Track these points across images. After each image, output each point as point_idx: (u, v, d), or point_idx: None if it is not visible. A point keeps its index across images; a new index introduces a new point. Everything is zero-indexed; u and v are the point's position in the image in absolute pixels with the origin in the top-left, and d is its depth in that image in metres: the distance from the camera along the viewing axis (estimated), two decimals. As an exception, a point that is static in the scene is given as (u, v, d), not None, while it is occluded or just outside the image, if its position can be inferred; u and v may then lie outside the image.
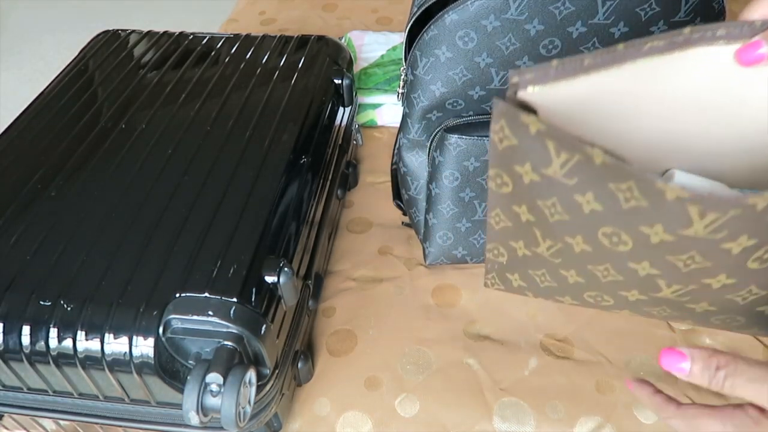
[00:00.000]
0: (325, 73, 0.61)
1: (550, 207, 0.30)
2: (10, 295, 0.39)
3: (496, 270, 0.40)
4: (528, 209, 0.32)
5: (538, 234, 0.33)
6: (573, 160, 0.27)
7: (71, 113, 0.54)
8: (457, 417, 0.49)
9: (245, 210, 0.44)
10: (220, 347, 0.37)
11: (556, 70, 0.28)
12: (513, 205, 0.33)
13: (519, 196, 0.32)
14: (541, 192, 0.30)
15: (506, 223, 0.35)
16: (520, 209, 0.33)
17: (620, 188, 0.26)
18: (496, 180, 0.32)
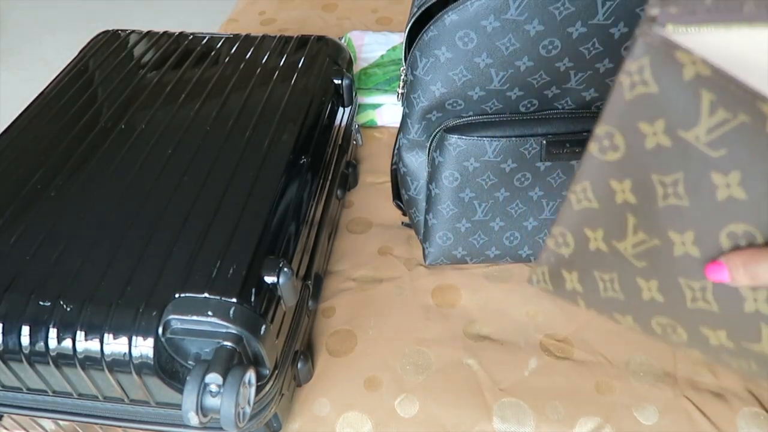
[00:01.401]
0: (325, 73, 0.61)
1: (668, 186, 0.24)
2: (10, 295, 0.39)
3: (551, 263, 0.32)
4: (632, 186, 0.26)
5: (630, 223, 0.27)
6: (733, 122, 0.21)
7: (71, 113, 0.54)
8: (457, 417, 0.49)
9: (245, 210, 0.44)
10: (220, 347, 0.37)
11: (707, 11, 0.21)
12: (612, 179, 0.26)
13: (628, 167, 0.25)
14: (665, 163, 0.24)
15: (591, 203, 0.28)
16: (621, 185, 0.26)
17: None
18: (602, 141, 0.25)
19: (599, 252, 0.29)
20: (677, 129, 0.23)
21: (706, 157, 0.22)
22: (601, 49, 0.45)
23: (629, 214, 0.27)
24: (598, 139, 0.26)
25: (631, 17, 0.43)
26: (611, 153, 0.25)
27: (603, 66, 0.47)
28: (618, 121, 0.24)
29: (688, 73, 0.21)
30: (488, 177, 0.52)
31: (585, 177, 0.27)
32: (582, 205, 0.28)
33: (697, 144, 0.22)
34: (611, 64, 0.46)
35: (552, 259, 0.32)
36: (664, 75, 0.22)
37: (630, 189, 0.26)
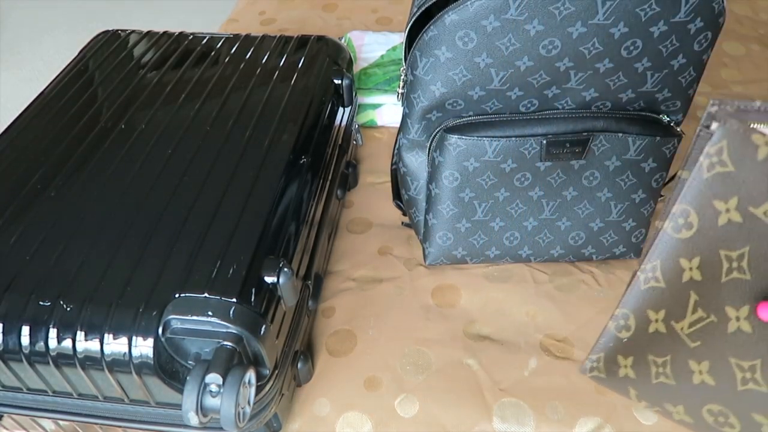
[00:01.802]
0: (325, 73, 0.61)
1: (733, 261, 0.26)
2: (10, 295, 0.39)
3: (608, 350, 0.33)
4: (700, 263, 0.27)
5: (692, 300, 0.28)
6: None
7: (71, 113, 0.54)
8: (457, 417, 0.49)
9: (245, 210, 0.44)
10: (220, 347, 0.37)
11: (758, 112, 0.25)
12: (682, 257, 0.28)
13: (699, 244, 0.27)
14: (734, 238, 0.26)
15: (659, 283, 0.29)
16: (690, 263, 0.27)
17: None
18: (678, 219, 0.27)
19: (657, 334, 0.30)
20: (749, 205, 0.25)
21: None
22: (601, 49, 0.45)
23: (692, 292, 0.28)
24: (673, 218, 0.27)
25: (631, 17, 0.43)
26: (685, 231, 0.27)
27: (603, 66, 0.47)
28: (695, 199, 0.26)
29: (762, 153, 0.23)
30: (488, 177, 0.52)
31: (657, 256, 0.29)
32: (650, 285, 0.29)
33: (765, 218, 0.24)
34: (611, 64, 0.46)
35: (611, 344, 0.33)
36: (742, 156, 0.24)
37: (698, 266, 0.27)
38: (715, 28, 0.45)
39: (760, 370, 0.26)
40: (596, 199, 0.55)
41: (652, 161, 0.53)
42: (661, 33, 0.44)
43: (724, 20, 0.45)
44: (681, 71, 0.48)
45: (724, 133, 0.25)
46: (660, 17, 0.43)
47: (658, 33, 0.44)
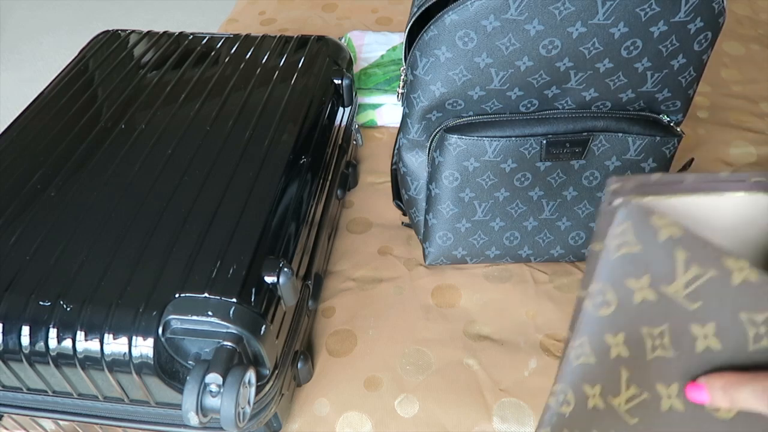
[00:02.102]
0: (325, 73, 0.61)
1: (655, 338, 0.26)
2: (10, 295, 0.39)
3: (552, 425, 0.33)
4: (625, 340, 0.27)
5: (623, 377, 0.28)
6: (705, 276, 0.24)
7: (71, 113, 0.54)
8: (457, 417, 0.49)
9: (245, 210, 0.44)
10: (220, 347, 0.37)
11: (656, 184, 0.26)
12: (607, 333, 0.28)
13: (620, 321, 0.27)
14: (652, 316, 0.26)
15: (589, 358, 0.29)
16: (615, 339, 0.28)
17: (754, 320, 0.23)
18: (596, 298, 0.27)
19: (597, 410, 0.30)
20: (660, 284, 0.25)
21: (685, 309, 0.25)
22: (601, 48, 0.45)
23: (623, 368, 0.28)
24: (591, 297, 0.28)
25: (631, 17, 0.43)
26: (605, 308, 0.28)
27: (603, 66, 0.47)
28: (608, 278, 0.27)
29: (663, 234, 0.24)
30: (488, 177, 0.52)
31: (582, 333, 0.29)
32: (580, 360, 0.30)
33: (677, 297, 0.25)
34: (611, 64, 0.46)
35: (554, 419, 0.33)
36: (644, 236, 0.25)
37: (623, 342, 0.28)
38: (715, 28, 0.45)
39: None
40: (596, 199, 0.55)
41: (652, 161, 0.53)
42: (661, 33, 0.44)
43: (724, 20, 0.45)
44: (681, 71, 0.48)
45: (627, 214, 0.25)
46: (660, 17, 0.43)
47: (658, 33, 0.44)
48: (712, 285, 0.24)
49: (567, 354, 0.30)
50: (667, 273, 0.25)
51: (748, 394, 0.24)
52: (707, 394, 0.25)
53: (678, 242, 0.24)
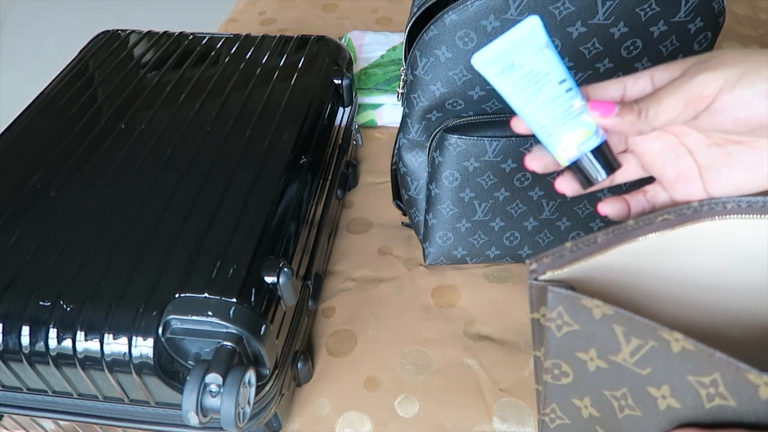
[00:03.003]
0: (325, 73, 0.60)
1: (619, 399, 0.27)
2: (10, 295, 0.39)
3: None
4: (592, 402, 0.29)
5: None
6: (646, 346, 0.24)
7: (71, 113, 0.54)
8: (457, 417, 0.49)
9: (245, 210, 0.44)
10: (220, 347, 0.37)
11: (571, 252, 0.27)
12: (573, 398, 0.29)
13: (582, 387, 0.28)
14: (610, 381, 0.27)
15: (564, 420, 0.31)
16: (582, 402, 0.29)
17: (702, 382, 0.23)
18: (553, 371, 0.29)
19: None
20: (607, 354, 0.26)
21: (638, 374, 0.25)
22: (601, 48, 0.45)
23: (598, 427, 0.29)
24: (549, 371, 0.29)
25: (631, 17, 0.43)
26: (564, 378, 0.29)
27: (603, 66, 0.46)
28: (560, 354, 0.28)
29: (597, 313, 0.25)
30: (488, 177, 0.52)
31: (551, 399, 0.30)
32: (556, 423, 0.31)
33: (627, 365, 0.25)
34: (611, 64, 0.46)
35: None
36: (579, 316, 0.26)
37: (591, 404, 0.29)
38: (715, 28, 0.45)
39: None
40: (596, 199, 0.55)
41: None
42: (661, 33, 0.44)
43: (724, 20, 0.45)
44: (681, 71, 0.48)
45: (556, 300, 0.26)
46: (660, 17, 0.43)
47: (658, 33, 0.44)
48: (655, 353, 0.24)
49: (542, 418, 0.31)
50: (611, 345, 0.25)
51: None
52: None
53: (612, 318, 0.25)
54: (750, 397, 0.23)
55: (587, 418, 0.30)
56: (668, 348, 0.24)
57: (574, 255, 0.27)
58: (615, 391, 0.27)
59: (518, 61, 0.30)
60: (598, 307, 0.25)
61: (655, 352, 0.24)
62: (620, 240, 0.27)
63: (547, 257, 0.27)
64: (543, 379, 0.30)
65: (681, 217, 0.27)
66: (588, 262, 0.27)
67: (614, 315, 0.25)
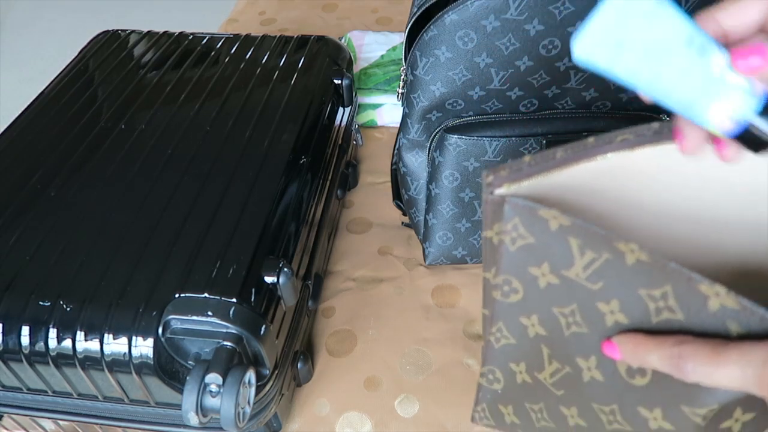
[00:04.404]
0: (325, 73, 0.60)
1: (567, 316, 0.27)
2: (10, 295, 0.39)
3: (487, 401, 0.34)
4: (539, 320, 0.28)
5: (545, 353, 0.29)
6: (600, 259, 0.24)
7: (71, 113, 0.54)
8: (457, 417, 0.49)
9: (245, 210, 0.44)
10: (220, 347, 0.37)
11: (529, 166, 0.26)
12: (521, 317, 0.29)
13: (530, 305, 0.28)
14: (560, 297, 0.27)
15: (509, 340, 0.30)
16: (530, 320, 0.29)
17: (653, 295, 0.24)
18: (503, 288, 0.28)
19: (525, 384, 0.32)
20: (560, 269, 0.26)
21: (588, 289, 0.25)
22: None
23: (543, 345, 0.29)
24: (498, 287, 0.29)
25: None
26: (513, 295, 0.28)
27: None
28: (511, 269, 0.27)
29: (553, 225, 0.25)
30: (488, 177, 0.52)
31: (498, 318, 0.30)
32: (501, 343, 0.31)
33: (579, 280, 0.25)
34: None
35: (488, 396, 0.34)
36: (535, 228, 0.25)
37: (538, 322, 0.29)
38: None
39: (619, 413, 0.28)
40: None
41: (652, 161, 0.53)
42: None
43: None
44: (681, 71, 0.48)
45: (513, 211, 0.26)
46: None
47: None
48: (608, 266, 0.24)
49: (487, 338, 0.31)
50: (565, 258, 0.25)
51: (655, 357, 0.25)
52: (619, 353, 0.26)
53: (568, 230, 0.24)
54: (699, 309, 0.23)
55: (533, 337, 0.29)
56: (622, 260, 0.24)
57: (532, 169, 0.26)
58: (564, 307, 0.27)
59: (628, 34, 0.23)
60: (555, 218, 0.24)
61: (608, 265, 0.24)
62: (578, 157, 0.26)
63: (504, 170, 0.26)
64: (492, 297, 0.29)
65: (641, 138, 0.26)
66: (546, 178, 0.26)
67: (571, 226, 0.24)
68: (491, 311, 0.30)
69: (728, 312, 0.22)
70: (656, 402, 0.26)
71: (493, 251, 0.28)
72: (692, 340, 0.24)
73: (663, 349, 0.25)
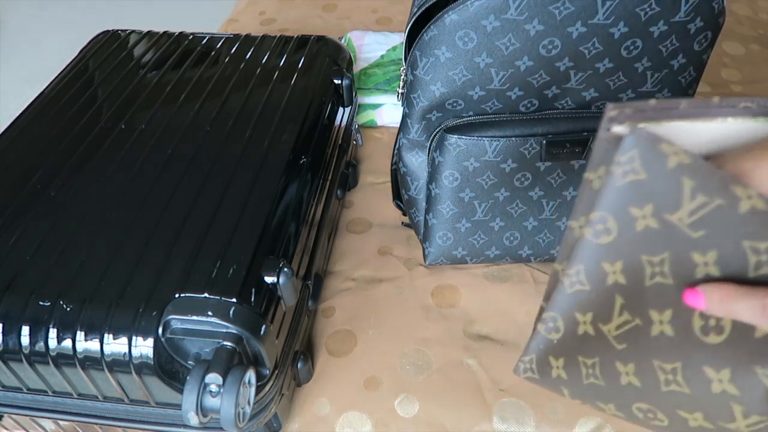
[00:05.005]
0: (325, 73, 0.60)
1: (655, 266, 0.26)
2: (10, 295, 0.39)
3: (539, 351, 0.33)
4: (623, 267, 0.27)
5: (617, 303, 0.28)
6: (711, 205, 0.23)
7: (71, 113, 0.54)
8: (457, 417, 0.49)
9: (245, 210, 0.44)
10: (220, 348, 0.37)
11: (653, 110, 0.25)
12: (604, 262, 0.28)
13: (620, 249, 0.27)
14: (654, 244, 0.26)
15: (584, 286, 0.29)
16: (613, 267, 0.28)
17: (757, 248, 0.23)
18: (596, 226, 0.27)
19: (586, 336, 0.30)
20: (663, 212, 0.25)
21: (688, 237, 0.25)
22: (601, 48, 0.45)
23: (618, 295, 0.28)
24: (592, 224, 0.27)
25: (630, 17, 0.43)
26: (605, 236, 0.27)
27: (603, 66, 0.47)
28: (611, 206, 0.26)
29: (672, 162, 0.24)
30: (488, 177, 0.52)
31: (579, 261, 0.29)
32: (575, 288, 0.29)
33: (681, 225, 0.25)
34: (611, 64, 0.46)
35: (542, 346, 0.33)
36: (652, 164, 0.25)
37: (621, 270, 0.28)
38: (714, 28, 0.45)
39: (680, 372, 0.27)
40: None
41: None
42: (660, 33, 0.44)
43: (723, 20, 0.45)
44: (681, 71, 0.48)
45: (635, 142, 0.25)
46: (660, 17, 0.43)
47: (658, 33, 0.44)
48: (717, 213, 0.24)
49: (561, 281, 0.30)
50: (673, 201, 0.24)
51: (744, 307, 0.24)
52: (704, 301, 0.26)
53: (686, 169, 0.24)
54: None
55: (610, 286, 0.28)
56: (736, 207, 0.23)
57: (655, 114, 0.25)
58: (654, 256, 0.26)
59: None
60: (677, 154, 0.23)
61: (718, 211, 0.24)
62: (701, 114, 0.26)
63: (628, 108, 0.26)
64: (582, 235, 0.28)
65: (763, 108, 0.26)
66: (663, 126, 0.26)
67: (690, 165, 0.23)
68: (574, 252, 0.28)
69: None
70: (727, 362, 0.25)
71: (590, 195, 0.27)
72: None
73: (755, 299, 0.24)
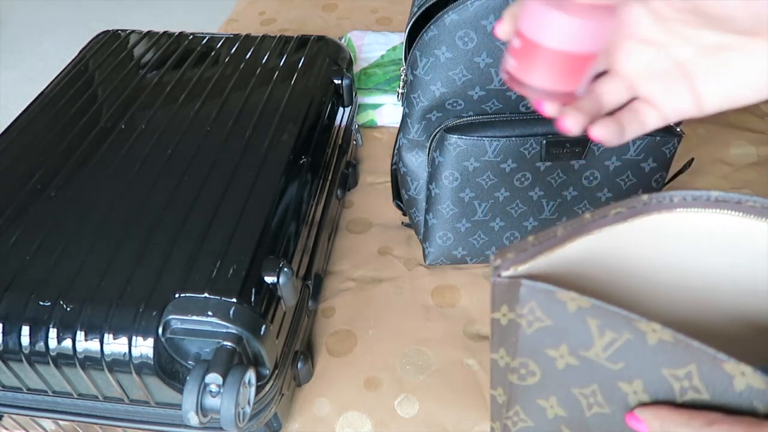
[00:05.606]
0: (325, 73, 0.61)
1: (588, 396, 0.27)
2: (10, 295, 0.39)
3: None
4: (558, 401, 0.28)
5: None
6: (621, 339, 0.24)
7: (71, 113, 0.54)
8: (457, 417, 0.49)
9: (245, 210, 0.44)
10: (220, 348, 0.37)
11: (533, 246, 0.27)
12: (539, 399, 0.29)
13: (548, 386, 0.28)
14: (579, 378, 0.27)
15: (527, 423, 0.30)
16: (548, 402, 0.29)
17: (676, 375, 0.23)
18: (519, 371, 0.28)
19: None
20: (579, 350, 0.26)
21: (609, 369, 0.25)
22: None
23: (563, 426, 0.29)
24: (515, 371, 0.28)
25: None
26: (530, 378, 0.28)
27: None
28: (528, 351, 0.27)
29: (572, 307, 0.24)
30: (488, 177, 0.52)
31: (515, 402, 0.29)
32: (518, 426, 0.30)
33: (599, 360, 0.25)
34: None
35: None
36: (553, 311, 0.25)
37: (557, 404, 0.28)
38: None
39: None
40: (596, 199, 0.55)
41: (652, 161, 0.53)
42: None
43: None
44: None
45: (530, 294, 0.25)
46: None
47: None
48: (629, 346, 0.24)
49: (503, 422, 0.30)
50: (584, 339, 0.25)
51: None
52: (645, 426, 0.26)
53: (587, 311, 0.24)
54: (724, 389, 0.23)
55: (552, 419, 0.29)
56: (644, 340, 0.23)
57: (536, 249, 0.27)
58: (584, 388, 0.27)
59: None
60: (574, 300, 0.24)
61: (629, 345, 0.24)
62: (578, 232, 0.27)
63: (510, 252, 0.27)
64: (508, 380, 0.29)
65: (632, 210, 0.27)
66: (548, 256, 0.27)
67: (590, 308, 0.24)
68: (507, 394, 0.29)
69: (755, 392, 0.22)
70: None
71: (501, 332, 0.28)
72: (723, 419, 0.23)
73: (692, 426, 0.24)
